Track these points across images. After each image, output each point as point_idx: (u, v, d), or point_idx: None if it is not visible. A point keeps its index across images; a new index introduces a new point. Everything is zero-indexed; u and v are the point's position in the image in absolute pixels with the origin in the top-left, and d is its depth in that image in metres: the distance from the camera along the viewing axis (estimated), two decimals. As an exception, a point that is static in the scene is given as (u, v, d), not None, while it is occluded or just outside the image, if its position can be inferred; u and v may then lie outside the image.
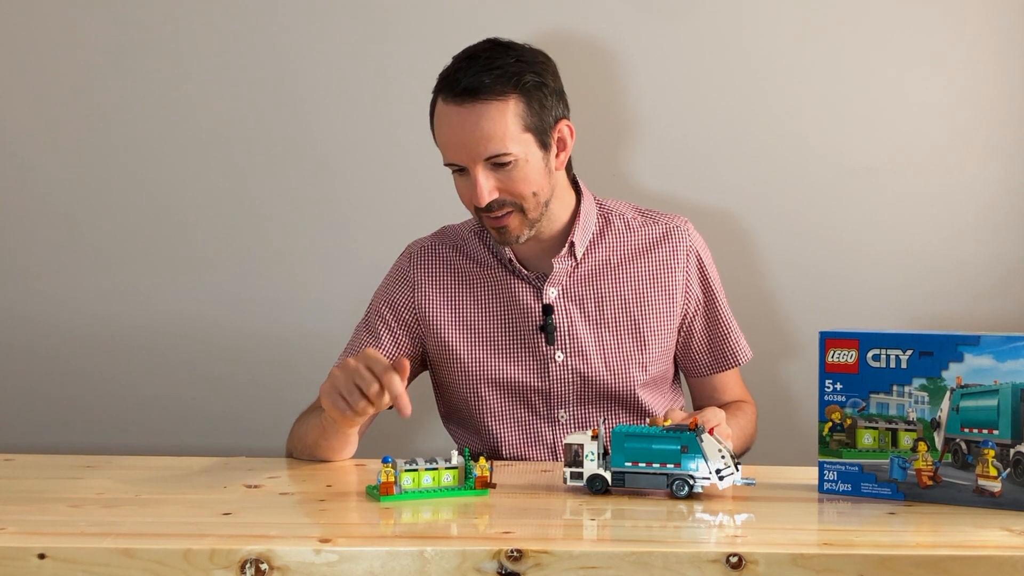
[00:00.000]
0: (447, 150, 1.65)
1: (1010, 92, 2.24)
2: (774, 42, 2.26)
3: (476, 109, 1.59)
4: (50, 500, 1.35)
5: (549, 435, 1.76)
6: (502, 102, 1.60)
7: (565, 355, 1.74)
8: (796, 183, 2.27)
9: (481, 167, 1.62)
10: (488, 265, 1.78)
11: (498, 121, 1.60)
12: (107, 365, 2.33)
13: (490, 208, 1.65)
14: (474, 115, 1.60)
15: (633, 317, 1.77)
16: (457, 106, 1.61)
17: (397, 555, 1.11)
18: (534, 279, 1.76)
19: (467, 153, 1.61)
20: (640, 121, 2.28)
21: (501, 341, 1.76)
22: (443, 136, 1.65)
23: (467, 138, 1.60)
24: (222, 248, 2.32)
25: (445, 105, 1.63)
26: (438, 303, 1.78)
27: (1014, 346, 1.28)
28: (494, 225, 1.68)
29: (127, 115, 2.31)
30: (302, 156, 2.30)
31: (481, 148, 1.60)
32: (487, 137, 1.60)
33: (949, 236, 2.26)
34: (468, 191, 1.66)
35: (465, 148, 1.61)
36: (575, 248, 1.75)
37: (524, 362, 1.75)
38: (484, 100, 1.59)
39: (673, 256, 1.79)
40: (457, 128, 1.61)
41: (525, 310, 1.75)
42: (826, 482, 1.39)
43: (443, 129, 1.64)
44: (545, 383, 1.75)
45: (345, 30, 2.28)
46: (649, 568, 1.10)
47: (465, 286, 1.78)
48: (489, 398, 1.76)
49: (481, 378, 1.76)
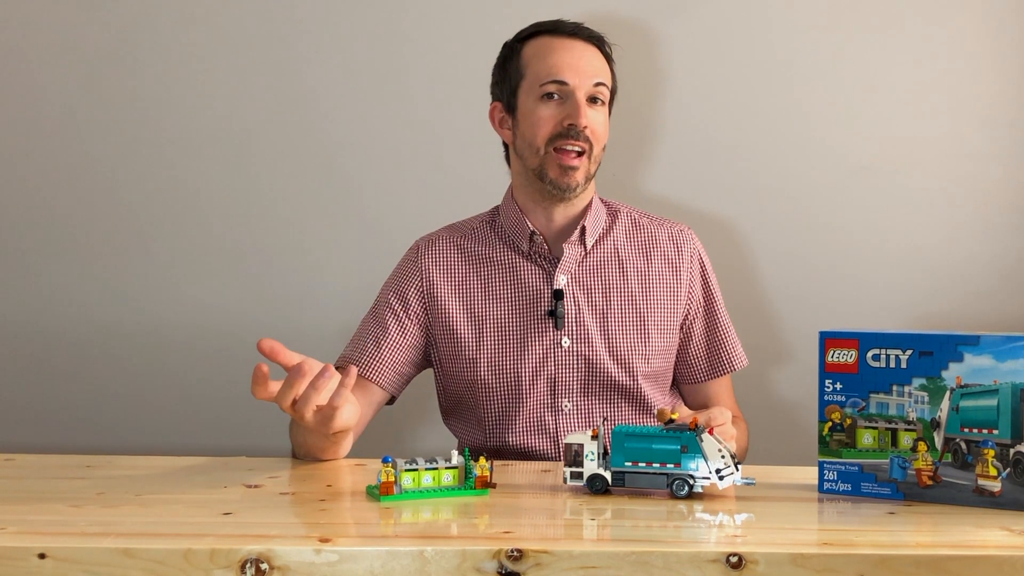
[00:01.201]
0: (558, 69, 1.75)
1: (1010, 92, 2.24)
2: (773, 43, 2.27)
3: (591, 48, 1.79)
4: (50, 500, 1.35)
5: (552, 425, 1.77)
6: (606, 59, 1.81)
7: (571, 341, 1.77)
8: (796, 183, 2.27)
9: (583, 94, 1.75)
10: (499, 252, 1.82)
11: (605, 65, 1.80)
12: (107, 365, 2.33)
13: (577, 136, 1.73)
14: (590, 51, 1.79)
15: (638, 308, 1.80)
16: (576, 40, 1.78)
17: (397, 555, 1.11)
18: (547, 262, 1.80)
19: (580, 75, 1.75)
20: (639, 122, 2.28)
21: (508, 326, 1.78)
22: (554, 58, 1.76)
23: (584, 63, 1.76)
24: (223, 248, 2.32)
25: (559, 39, 1.78)
26: (446, 290, 1.81)
27: (1014, 346, 1.28)
28: (567, 162, 1.75)
29: (128, 114, 2.31)
30: (306, 155, 2.31)
31: (594, 73, 1.76)
32: (599, 69, 1.78)
33: (949, 236, 2.26)
34: (557, 117, 1.74)
35: (580, 70, 1.75)
36: (586, 235, 1.79)
37: (531, 347, 1.77)
38: (597, 47, 1.80)
39: (679, 255, 1.84)
40: (577, 53, 1.76)
41: (535, 295, 1.79)
42: (826, 482, 1.39)
43: (556, 52, 1.76)
44: (550, 369, 1.77)
45: (355, 29, 2.28)
46: (649, 568, 1.10)
47: (474, 273, 1.82)
48: (494, 384, 1.78)
49: (487, 364, 1.78)
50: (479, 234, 1.86)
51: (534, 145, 1.75)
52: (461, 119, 2.24)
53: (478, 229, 1.86)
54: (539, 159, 1.75)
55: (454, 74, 2.27)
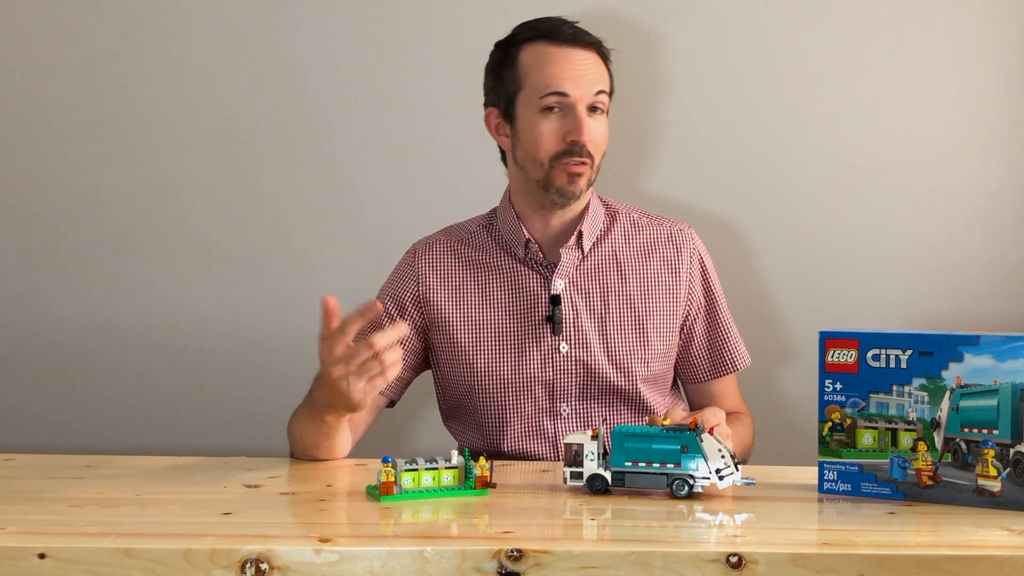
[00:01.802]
0: (559, 81, 1.72)
1: (1010, 92, 2.24)
2: (774, 43, 2.27)
3: (590, 55, 1.76)
4: (50, 500, 1.35)
5: (551, 429, 1.77)
6: (603, 62, 1.78)
7: (569, 346, 1.76)
8: (796, 183, 2.27)
9: (584, 105, 1.73)
10: (496, 256, 1.82)
11: (603, 71, 1.77)
12: (107, 365, 2.33)
13: (581, 152, 1.72)
14: (590, 59, 1.75)
15: (636, 312, 1.79)
16: (575, 48, 1.75)
17: (397, 555, 1.11)
18: (543, 268, 1.79)
19: (582, 86, 1.72)
20: (640, 122, 2.28)
21: (506, 331, 1.78)
22: (554, 69, 1.73)
23: (584, 74, 1.73)
24: (223, 248, 2.32)
25: (557, 47, 1.74)
26: (443, 294, 1.80)
27: (1014, 346, 1.28)
28: (575, 170, 1.73)
29: (129, 114, 2.31)
30: (304, 157, 2.30)
31: (594, 84, 1.74)
32: (598, 78, 1.75)
33: (949, 236, 2.26)
34: (559, 132, 1.72)
35: (581, 82, 1.73)
36: (583, 239, 1.78)
37: (529, 352, 1.77)
38: (596, 53, 1.77)
39: (677, 257, 1.83)
40: (576, 64, 1.74)
41: (532, 300, 1.78)
42: (826, 482, 1.39)
43: (556, 63, 1.73)
44: (548, 374, 1.76)
45: (351, 29, 2.28)
46: (649, 568, 1.10)
47: (471, 277, 1.81)
48: (492, 389, 1.77)
49: (485, 368, 1.77)
50: (476, 239, 1.84)
51: (537, 159, 1.74)
52: (459, 120, 2.23)
53: (475, 233, 1.85)
54: (543, 172, 1.74)
55: (452, 75, 2.26)
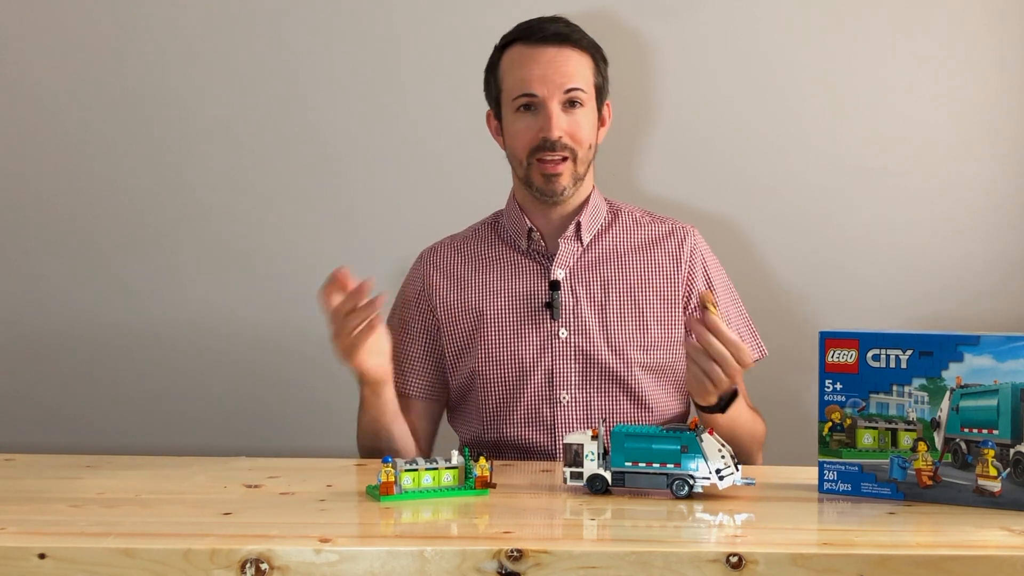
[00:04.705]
0: (527, 83, 1.74)
1: (1010, 92, 2.24)
2: (774, 43, 2.27)
3: (563, 51, 1.76)
4: (50, 500, 1.35)
5: (550, 418, 1.78)
6: (582, 54, 1.77)
7: (569, 332, 1.79)
8: (796, 183, 2.27)
9: (556, 102, 1.73)
10: (499, 250, 1.87)
11: (580, 64, 1.77)
12: (107, 365, 2.33)
13: (553, 147, 1.74)
14: (562, 55, 1.76)
15: (636, 300, 1.81)
16: (545, 46, 1.75)
17: (397, 555, 1.11)
18: (544, 258, 1.83)
19: (549, 85, 1.74)
20: (640, 122, 2.28)
21: (506, 317, 1.81)
22: (523, 71, 1.75)
23: (552, 72, 1.74)
24: (223, 248, 2.32)
25: (529, 47, 1.76)
26: (445, 287, 1.85)
27: (1014, 346, 1.28)
28: (549, 171, 1.76)
29: (129, 114, 2.31)
30: (310, 158, 2.30)
31: (564, 80, 1.74)
32: (571, 74, 1.75)
33: (949, 236, 2.26)
34: (532, 129, 1.75)
35: (548, 80, 1.74)
36: (582, 231, 1.81)
37: (528, 337, 1.79)
38: (570, 47, 1.77)
39: (678, 251, 1.85)
40: (543, 63, 1.75)
41: (532, 288, 1.82)
42: (826, 482, 1.39)
43: (525, 65, 1.76)
44: (547, 359, 1.78)
45: (356, 30, 2.28)
46: (649, 568, 1.10)
47: (472, 269, 1.86)
48: (491, 375, 1.80)
49: (484, 354, 1.80)
50: (480, 235, 1.90)
51: (517, 157, 1.79)
52: (464, 122, 2.23)
53: (479, 230, 1.91)
54: (524, 170, 1.79)
55: (456, 76, 2.26)
